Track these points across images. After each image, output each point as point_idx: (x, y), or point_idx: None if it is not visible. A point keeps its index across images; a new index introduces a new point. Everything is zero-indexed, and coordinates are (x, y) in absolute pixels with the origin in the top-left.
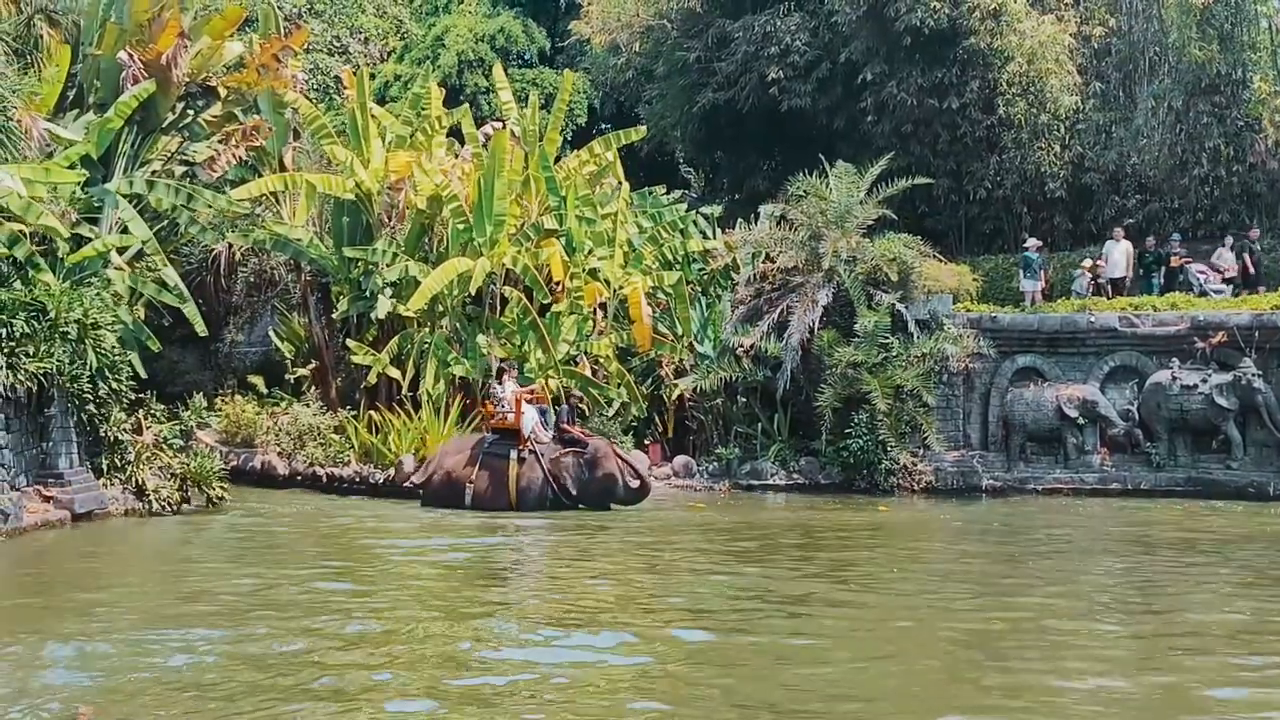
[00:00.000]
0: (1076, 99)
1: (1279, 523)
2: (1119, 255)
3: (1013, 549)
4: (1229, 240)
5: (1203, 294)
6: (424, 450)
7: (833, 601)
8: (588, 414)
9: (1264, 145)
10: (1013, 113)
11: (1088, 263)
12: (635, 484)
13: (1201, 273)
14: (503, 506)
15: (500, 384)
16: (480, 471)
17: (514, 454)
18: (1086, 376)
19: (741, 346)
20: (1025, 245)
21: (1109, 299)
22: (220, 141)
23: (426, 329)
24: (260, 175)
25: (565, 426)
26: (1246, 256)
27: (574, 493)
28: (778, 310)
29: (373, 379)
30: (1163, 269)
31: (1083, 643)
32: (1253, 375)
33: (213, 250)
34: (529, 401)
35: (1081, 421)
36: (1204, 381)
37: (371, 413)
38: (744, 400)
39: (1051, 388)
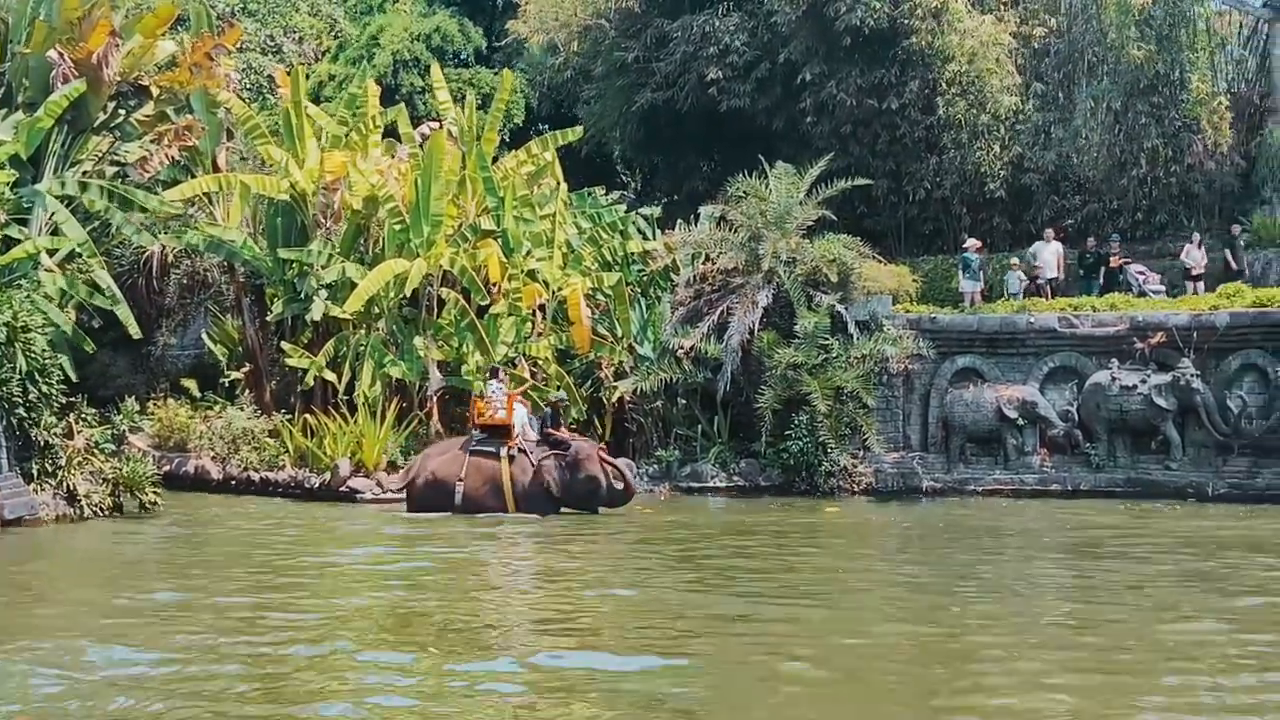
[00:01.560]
0: (1016, 99)
1: (1216, 525)
2: (1049, 255)
3: (955, 553)
4: (1196, 237)
5: (1141, 294)
6: (360, 454)
7: (771, 617)
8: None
9: (1201, 146)
10: (953, 113)
11: (1015, 261)
12: (620, 486)
13: (1140, 273)
14: (497, 507)
15: (494, 383)
16: (470, 470)
17: (504, 451)
18: (1026, 377)
19: (681, 348)
20: (965, 246)
21: (1048, 299)
22: (152, 141)
23: (362, 331)
24: (193, 176)
25: (550, 429)
26: (1228, 252)
27: (556, 494)
28: (718, 312)
29: (308, 382)
30: (1102, 270)
31: (1023, 658)
32: (1191, 376)
33: (145, 252)
34: (519, 401)
35: (1021, 422)
36: (1143, 382)
37: (307, 416)
38: (684, 402)
39: (991, 388)
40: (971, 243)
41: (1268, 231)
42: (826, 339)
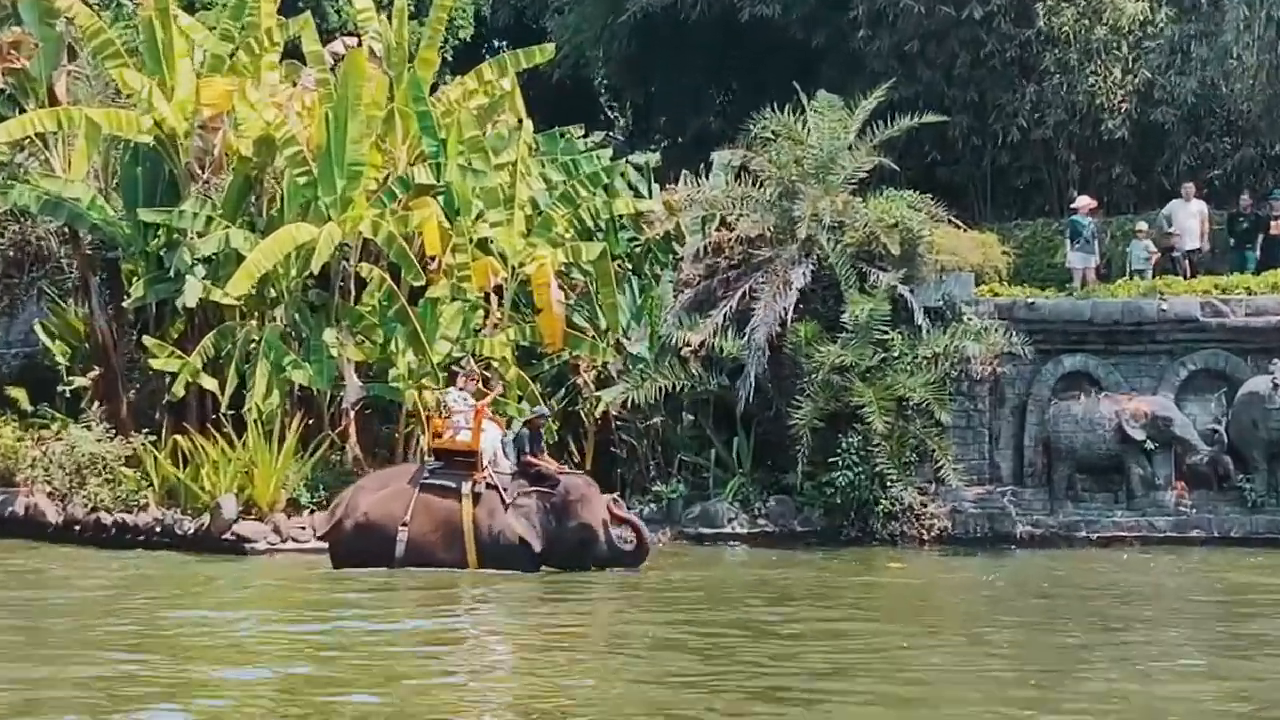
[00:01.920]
0: (1144, 6)
1: None
2: (1190, 220)
3: (1066, 626)
4: None
5: None
6: (251, 489)
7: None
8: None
9: None
10: (1057, 24)
11: (1142, 227)
12: (629, 544)
13: None
14: (452, 563)
15: (454, 390)
16: (418, 511)
17: (466, 487)
18: (1157, 384)
19: (688, 345)
20: (1074, 206)
21: (1186, 278)
22: None
23: (254, 322)
24: (23, 110)
25: (530, 458)
26: None
27: (537, 547)
28: (737, 295)
29: (179, 391)
30: (1260, 237)
31: None
32: None
33: None
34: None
35: (1150, 445)
36: None
37: (178, 438)
38: (692, 418)
39: (1109, 400)
40: (1083, 201)
41: None
42: (885, 332)
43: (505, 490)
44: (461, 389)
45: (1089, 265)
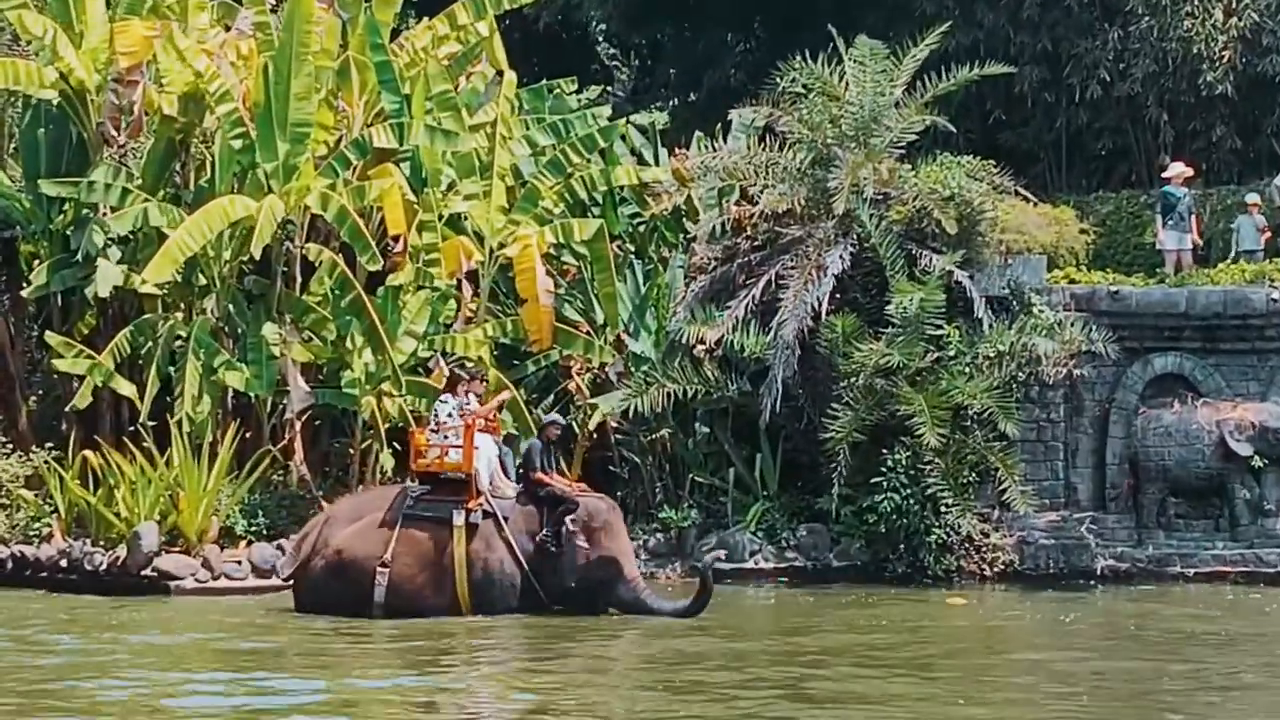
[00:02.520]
0: None
1: None
2: None
3: (1162, 685)
4: None
5: None
6: (176, 515)
7: None
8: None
9: None
10: None
11: (1253, 199)
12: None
13: None
14: (442, 609)
15: (453, 396)
16: (400, 548)
17: (458, 517)
18: (1267, 389)
19: (702, 343)
20: (1166, 175)
21: None
22: None
23: (179, 315)
24: None
25: (541, 476)
26: None
27: (552, 583)
28: (761, 283)
29: (88, 397)
30: None
31: None
32: None
33: None
34: (483, 430)
35: (1259, 463)
36: None
37: (88, 454)
38: (706, 430)
39: (1209, 408)
40: (1176, 170)
41: None
42: (939, 327)
43: (506, 519)
44: (461, 397)
45: (1184, 246)
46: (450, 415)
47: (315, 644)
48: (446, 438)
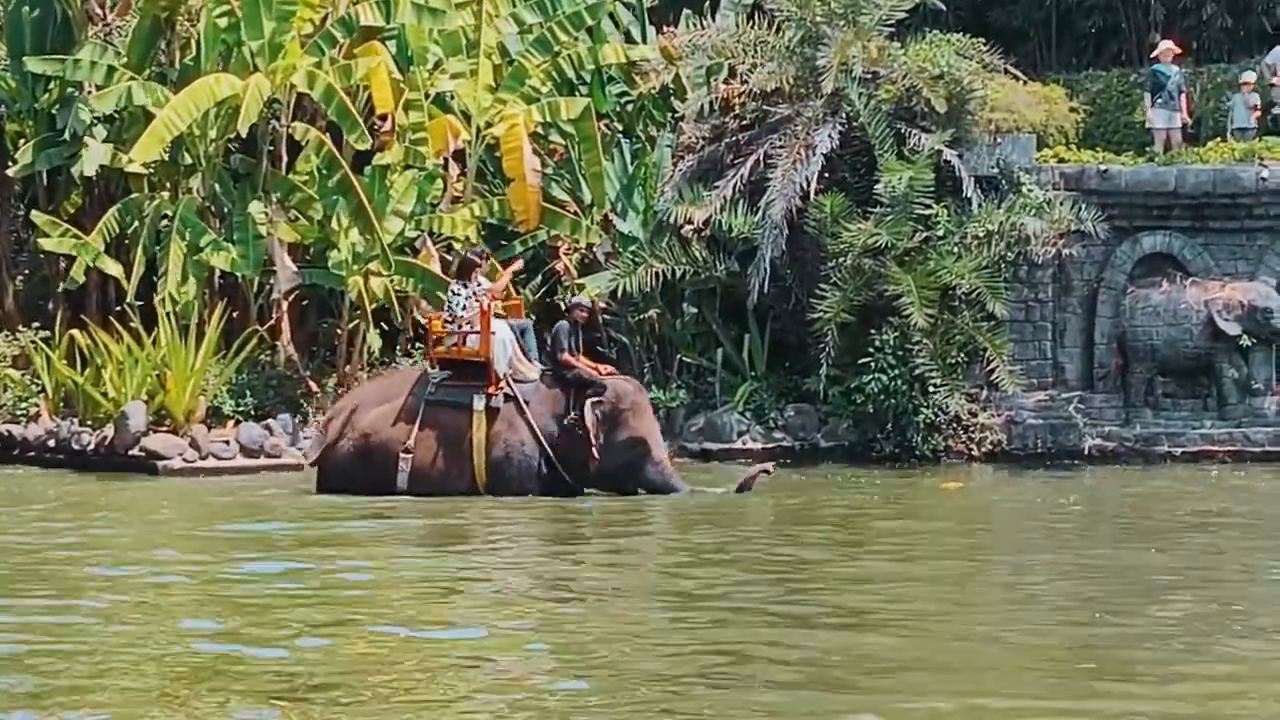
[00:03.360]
0: None
1: None
2: None
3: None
4: None
5: None
6: (163, 395)
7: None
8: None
9: None
10: None
11: (1248, 78)
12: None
13: None
14: (462, 489)
15: (465, 285)
16: (422, 434)
17: (479, 402)
18: (1256, 268)
19: (690, 223)
20: (1155, 53)
21: None
22: None
23: (165, 194)
24: None
25: (568, 358)
26: None
27: (579, 466)
28: (749, 163)
29: (77, 277)
30: None
31: None
32: None
33: None
34: (498, 315)
35: (1247, 342)
36: None
37: (75, 333)
38: (694, 311)
39: (1198, 287)
40: (1165, 47)
41: None
42: (928, 207)
43: (528, 403)
44: (475, 282)
45: (1174, 125)
46: (465, 303)
47: (325, 527)
48: (461, 327)
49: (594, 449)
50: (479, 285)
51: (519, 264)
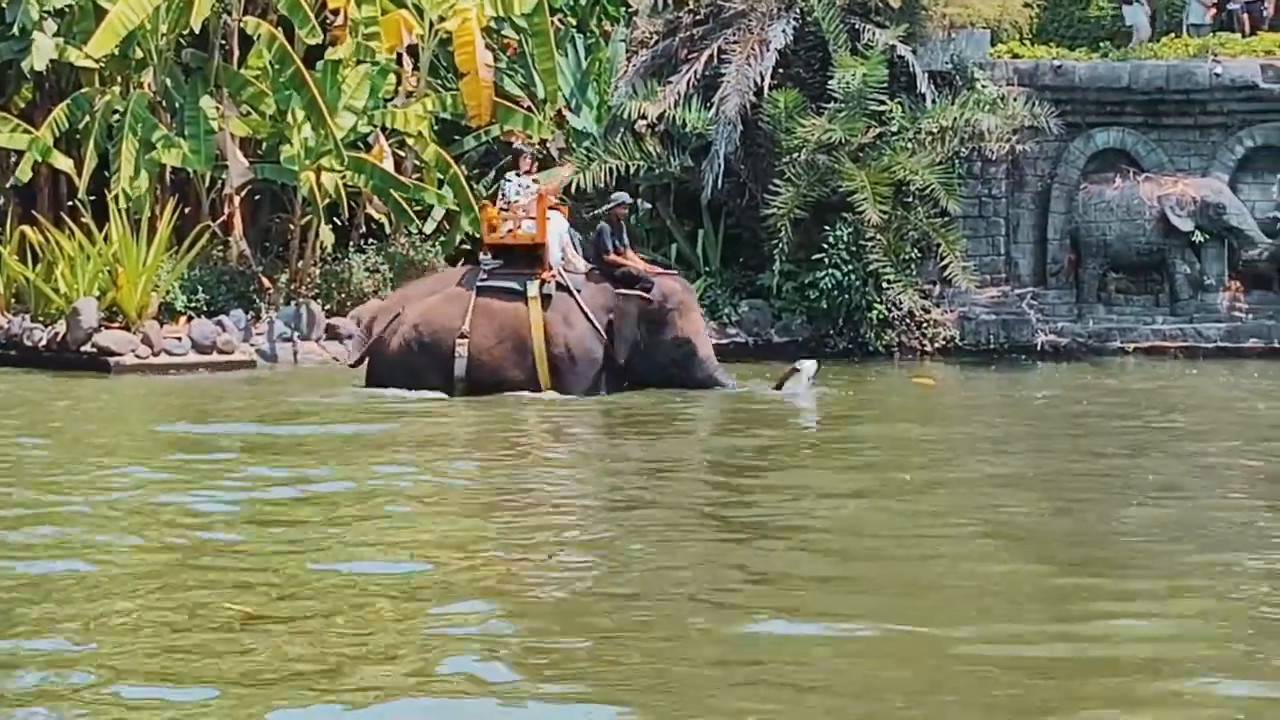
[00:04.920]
0: None
1: None
2: None
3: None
4: None
5: None
6: (115, 293)
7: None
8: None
9: None
10: None
11: None
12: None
13: None
14: (522, 384)
15: (518, 173)
16: (477, 319)
17: (532, 288)
18: (1208, 165)
19: (644, 118)
20: None
21: (1245, 36)
22: None
23: (116, 89)
24: None
25: (615, 257)
26: None
27: (623, 361)
28: (703, 58)
29: (26, 173)
30: None
31: None
32: None
33: None
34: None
35: (1199, 238)
36: None
37: (26, 229)
38: (649, 207)
39: (1151, 183)
40: None
41: None
42: (882, 102)
43: (579, 292)
44: (526, 173)
45: (1143, 20)
46: (519, 190)
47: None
48: (517, 209)
49: (620, 346)
50: (529, 177)
51: (568, 172)
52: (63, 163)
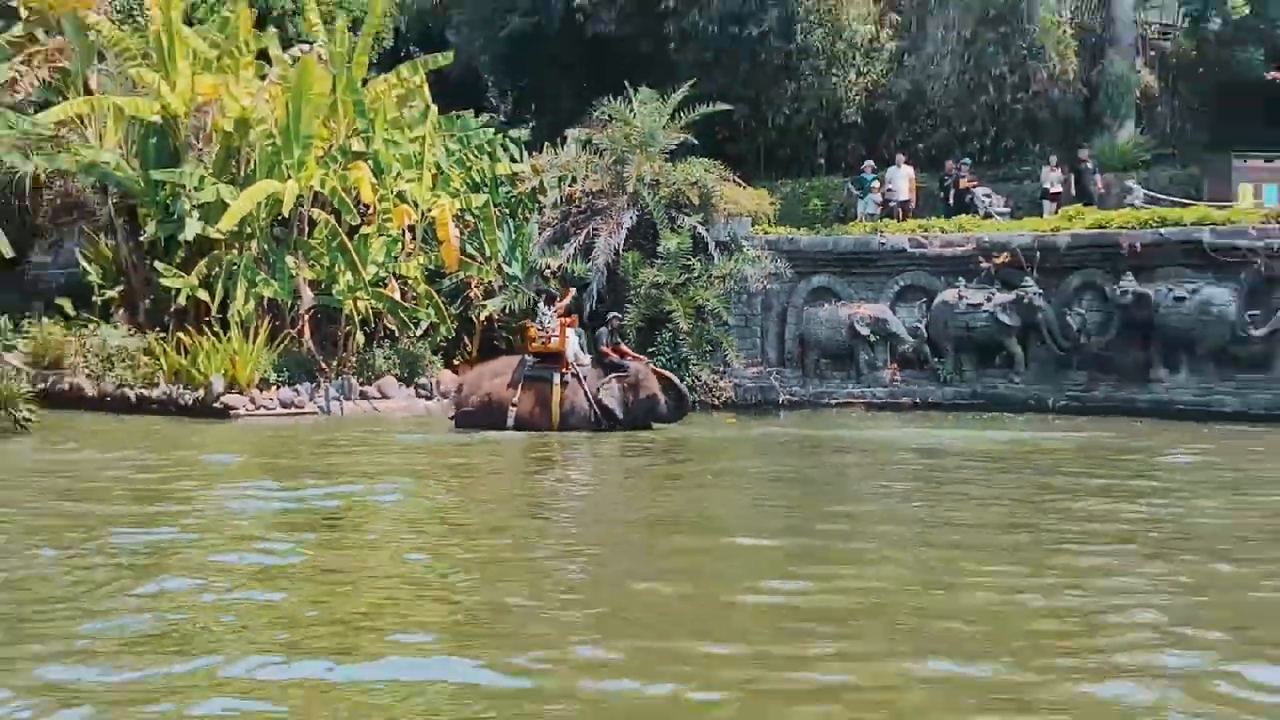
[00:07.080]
0: (872, 28)
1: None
2: (901, 180)
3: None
4: (1054, 159)
5: (987, 216)
6: (233, 371)
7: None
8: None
9: (1046, 74)
10: (810, 40)
11: (875, 183)
12: (674, 403)
13: (987, 196)
14: (545, 427)
15: (549, 307)
16: (524, 394)
17: (557, 377)
18: (878, 295)
19: (548, 268)
20: (863, 168)
21: (899, 220)
22: (22, 63)
23: (235, 251)
24: (65, 98)
25: (605, 350)
26: (1074, 177)
27: (620, 416)
28: (584, 233)
29: (181, 301)
30: (952, 192)
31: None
32: (1034, 294)
33: (17, 173)
34: (566, 324)
35: (873, 339)
36: (988, 300)
37: (180, 334)
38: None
39: (845, 306)
40: (868, 164)
41: (1107, 157)
42: (688, 259)
43: (586, 379)
44: (554, 307)
45: (874, 208)
46: (549, 317)
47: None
48: (547, 330)
49: (613, 410)
50: (553, 308)
51: (570, 296)
52: (203, 295)
